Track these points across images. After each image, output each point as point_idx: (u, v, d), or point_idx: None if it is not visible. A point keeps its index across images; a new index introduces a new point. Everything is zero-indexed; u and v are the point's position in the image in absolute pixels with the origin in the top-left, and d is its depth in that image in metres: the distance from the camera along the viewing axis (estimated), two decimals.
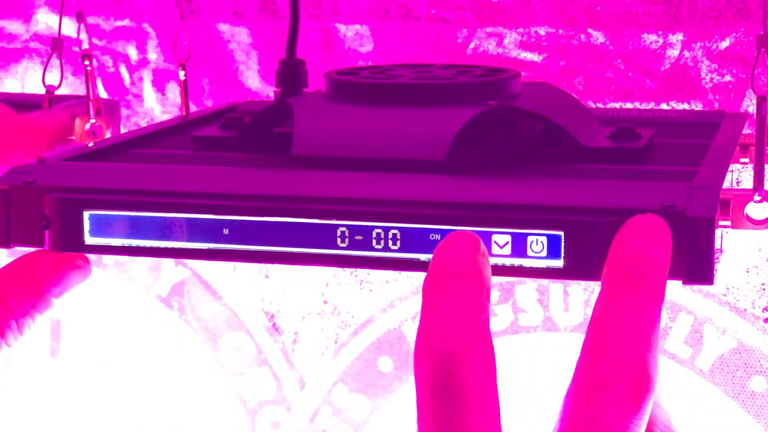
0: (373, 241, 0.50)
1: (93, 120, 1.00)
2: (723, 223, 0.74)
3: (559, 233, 0.48)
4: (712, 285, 0.47)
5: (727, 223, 0.72)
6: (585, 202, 0.48)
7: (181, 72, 0.95)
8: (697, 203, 0.47)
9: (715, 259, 0.48)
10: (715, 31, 0.95)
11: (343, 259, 0.50)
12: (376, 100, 0.59)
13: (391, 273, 1.07)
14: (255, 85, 1.07)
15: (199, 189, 0.52)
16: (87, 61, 0.99)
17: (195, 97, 1.08)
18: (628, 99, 0.97)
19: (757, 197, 0.70)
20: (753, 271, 0.97)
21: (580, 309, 1.03)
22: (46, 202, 0.52)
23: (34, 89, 1.11)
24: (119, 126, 1.06)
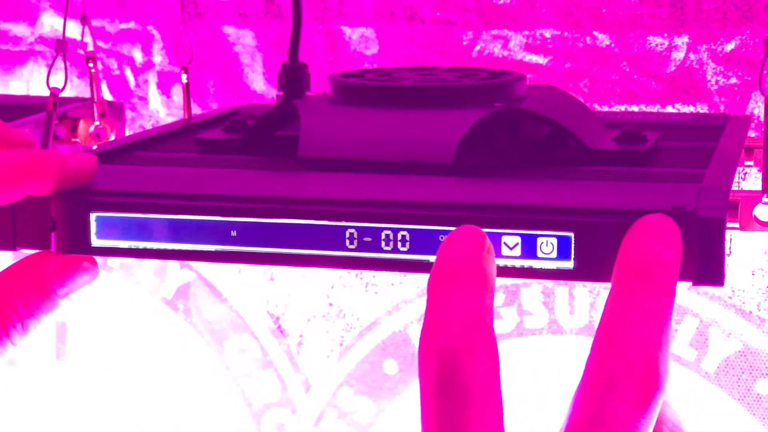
0: (382, 243, 0.50)
1: (97, 122, 1.00)
2: (731, 225, 0.74)
3: (570, 234, 0.48)
4: (722, 286, 0.47)
5: (736, 225, 0.72)
6: (595, 204, 0.48)
7: (184, 75, 0.95)
8: (707, 204, 0.47)
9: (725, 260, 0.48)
10: (720, 34, 0.95)
11: (351, 261, 0.50)
12: (382, 102, 0.59)
13: (396, 275, 1.07)
14: (260, 88, 1.07)
15: (206, 191, 0.52)
16: (91, 64, 0.99)
17: (200, 99, 1.08)
18: (634, 101, 0.97)
19: (766, 199, 0.70)
20: (759, 273, 0.97)
21: (585, 312, 1.03)
22: (52, 204, 0.52)
23: (39, 91, 1.11)
24: (124, 128, 1.06)
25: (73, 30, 1.03)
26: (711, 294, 0.99)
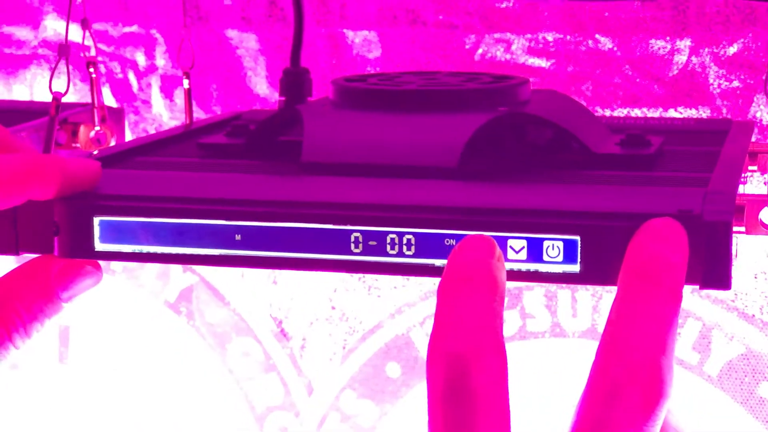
0: (388, 247, 0.49)
1: (98, 127, 1.00)
2: (737, 229, 0.74)
3: (576, 238, 0.48)
4: (729, 290, 0.47)
5: (742, 229, 0.72)
6: (601, 207, 0.48)
7: (185, 80, 0.95)
8: (714, 208, 0.47)
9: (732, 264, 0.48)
10: (722, 37, 0.95)
11: (356, 265, 0.50)
12: (386, 106, 0.59)
13: (399, 279, 1.07)
14: (263, 91, 1.07)
15: (209, 195, 0.52)
16: (92, 69, 0.99)
17: (203, 103, 1.08)
18: (636, 105, 0.97)
19: None
20: (761, 277, 0.97)
21: (588, 315, 1.03)
22: (55, 208, 0.52)
23: (42, 95, 1.12)
24: (124, 133, 1.06)
25: (77, 34, 1.03)
26: (714, 297, 0.99)
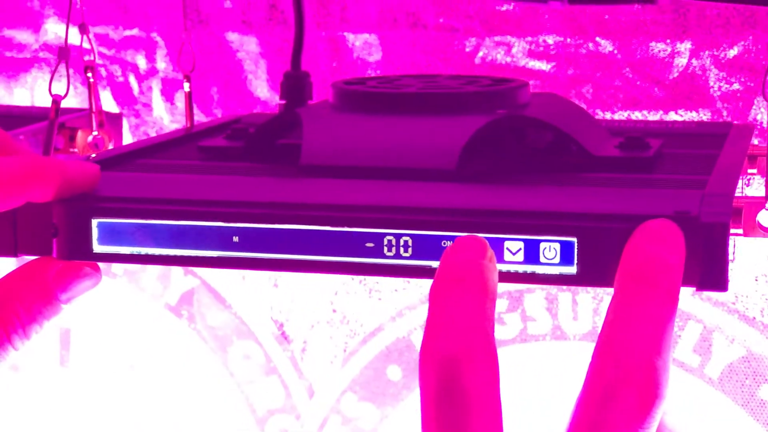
0: (385, 248, 0.50)
1: (95, 132, 1.00)
2: (735, 231, 0.74)
3: (573, 240, 0.48)
4: (726, 291, 0.47)
5: (739, 231, 0.72)
6: (598, 209, 0.48)
7: (186, 84, 0.95)
8: (711, 210, 0.47)
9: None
10: (723, 40, 0.95)
11: (354, 267, 0.50)
12: (385, 109, 0.59)
13: (400, 281, 1.07)
14: (264, 95, 1.07)
15: (208, 197, 0.52)
16: (90, 73, 0.99)
17: (204, 106, 1.08)
18: (637, 107, 0.97)
19: None
20: (762, 279, 0.97)
21: (588, 317, 1.03)
22: (54, 210, 0.52)
23: (43, 98, 1.12)
24: (121, 138, 1.06)
25: (78, 38, 1.03)
26: (714, 300, 0.99)
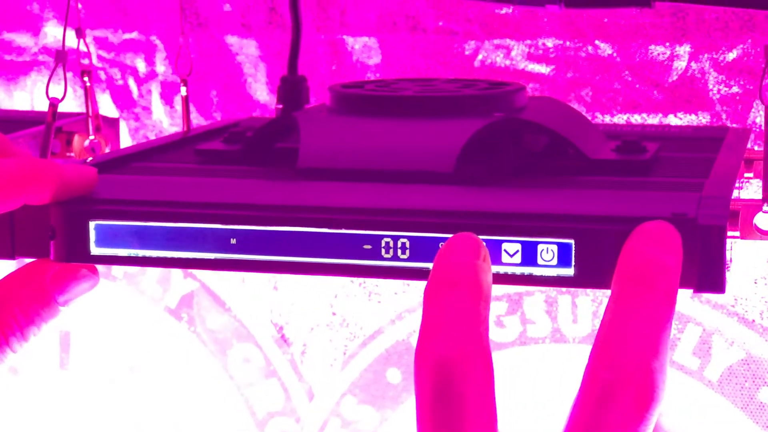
0: (382, 251, 0.50)
1: (92, 136, 1.00)
2: (732, 234, 0.74)
3: (570, 241, 0.48)
4: (723, 293, 0.47)
5: (736, 234, 0.72)
6: (595, 211, 0.48)
7: (183, 88, 0.95)
8: (708, 212, 0.47)
9: (726, 268, 0.48)
10: (722, 43, 0.95)
11: (351, 269, 0.50)
12: (382, 112, 0.59)
13: (400, 285, 1.07)
14: (263, 98, 1.07)
15: (205, 199, 0.52)
16: (86, 78, 0.99)
17: (203, 109, 1.08)
18: (636, 110, 0.97)
19: (766, 208, 0.70)
20: (761, 282, 0.97)
21: (588, 320, 1.03)
22: (51, 212, 0.52)
23: (42, 102, 1.12)
24: (119, 142, 1.06)
25: (76, 41, 1.03)
26: (714, 303, 0.99)
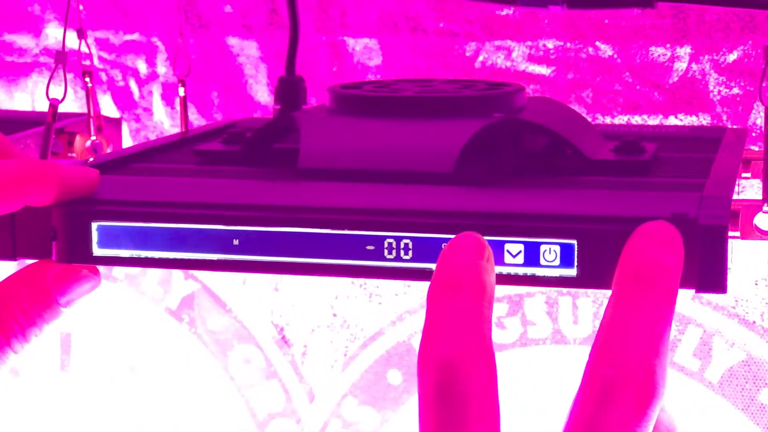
0: (385, 251, 0.50)
1: (93, 137, 1.00)
2: (732, 234, 0.74)
3: (572, 242, 0.48)
4: (725, 293, 0.47)
5: (737, 234, 0.73)
6: (597, 211, 0.48)
7: (181, 89, 0.95)
8: (709, 212, 0.47)
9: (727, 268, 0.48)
10: (723, 44, 0.95)
11: (354, 269, 0.50)
12: (381, 113, 0.59)
13: (400, 286, 1.07)
14: (264, 99, 1.07)
15: (207, 200, 0.53)
16: (88, 78, 0.99)
17: (204, 110, 1.09)
18: (636, 112, 0.97)
19: (767, 208, 0.70)
20: (762, 283, 0.97)
21: (589, 321, 1.03)
22: (53, 213, 0.52)
23: (44, 103, 1.12)
24: (121, 143, 1.06)
25: (77, 42, 1.03)
26: (714, 304, 0.99)
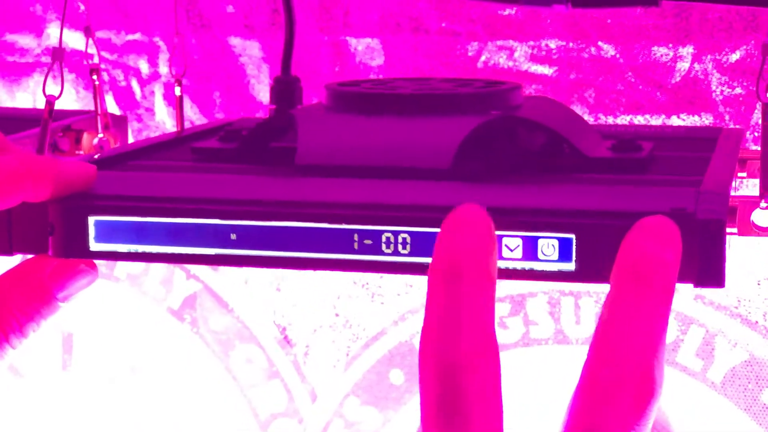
0: (383, 246, 0.50)
1: (101, 134, 1.00)
2: (730, 230, 0.74)
3: (571, 236, 0.48)
4: (723, 288, 0.47)
5: (734, 230, 0.73)
6: (596, 206, 0.48)
7: (177, 88, 0.96)
8: (707, 207, 0.47)
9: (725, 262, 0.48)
10: (725, 44, 0.95)
11: (352, 264, 0.50)
12: (378, 110, 0.59)
13: (402, 286, 1.07)
14: (266, 99, 1.07)
15: (205, 194, 0.52)
16: (95, 76, 0.99)
17: (206, 110, 1.09)
18: (639, 111, 0.97)
19: (764, 204, 0.70)
20: (764, 283, 0.97)
21: (591, 321, 1.03)
22: (50, 208, 0.52)
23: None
24: (127, 140, 1.06)
25: (80, 42, 1.03)
26: (717, 304, 0.99)
